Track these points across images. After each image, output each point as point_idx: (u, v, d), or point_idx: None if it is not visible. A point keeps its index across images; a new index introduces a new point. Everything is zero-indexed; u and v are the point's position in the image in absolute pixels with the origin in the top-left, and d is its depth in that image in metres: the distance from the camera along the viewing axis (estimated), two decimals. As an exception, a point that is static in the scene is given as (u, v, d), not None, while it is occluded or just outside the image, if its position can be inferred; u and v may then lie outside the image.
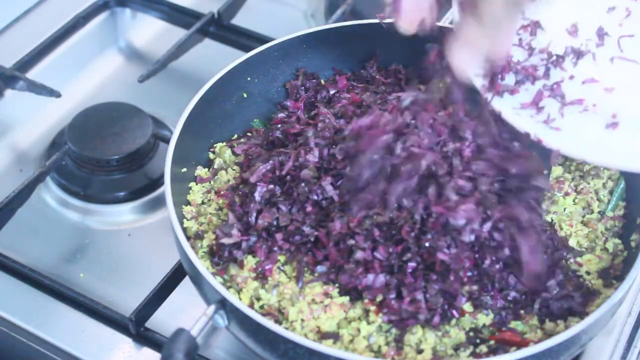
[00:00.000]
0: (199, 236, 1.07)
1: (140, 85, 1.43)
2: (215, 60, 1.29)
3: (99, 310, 1.16)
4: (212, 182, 1.14)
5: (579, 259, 1.07)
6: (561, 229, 1.10)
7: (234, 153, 1.18)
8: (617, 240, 1.10)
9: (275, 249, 1.04)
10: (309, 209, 1.04)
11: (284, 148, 1.11)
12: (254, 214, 1.05)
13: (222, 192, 1.12)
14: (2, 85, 1.43)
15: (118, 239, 1.29)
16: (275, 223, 1.05)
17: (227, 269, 1.03)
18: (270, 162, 1.08)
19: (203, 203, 1.12)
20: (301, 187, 1.05)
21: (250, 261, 1.04)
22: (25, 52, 1.47)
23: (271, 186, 1.07)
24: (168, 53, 1.47)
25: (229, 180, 1.14)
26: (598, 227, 1.11)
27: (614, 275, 1.06)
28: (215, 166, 1.16)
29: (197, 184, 1.14)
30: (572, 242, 1.09)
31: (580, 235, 1.10)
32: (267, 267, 1.03)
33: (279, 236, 1.04)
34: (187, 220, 1.09)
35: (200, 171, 1.15)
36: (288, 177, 1.07)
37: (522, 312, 1.02)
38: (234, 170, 1.15)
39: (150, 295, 1.14)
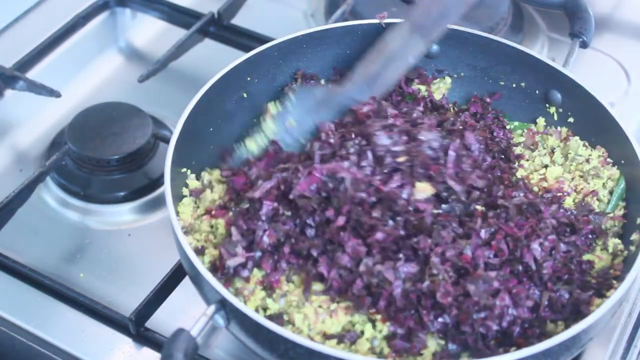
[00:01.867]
0: (199, 251, 1.05)
1: (140, 85, 1.43)
2: (215, 60, 1.29)
3: (99, 310, 1.16)
4: (197, 201, 1.13)
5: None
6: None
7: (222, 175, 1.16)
8: (617, 240, 1.10)
9: (282, 262, 1.03)
10: (313, 224, 1.04)
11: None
12: (261, 233, 1.04)
13: (212, 212, 1.09)
14: (2, 85, 1.43)
15: (118, 239, 1.29)
16: (282, 240, 1.04)
17: (233, 282, 1.03)
18: (274, 179, 1.07)
19: (195, 219, 1.10)
20: (306, 208, 1.04)
21: (256, 274, 1.03)
22: (25, 52, 1.46)
23: (275, 204, 1.05)
24: (168, 53, 1.47)
25: (214, 201, 1.12)
26: (598, 227, 1.11)
27: (614, 275, 1.06)
28: (205, 181, 1.15)
29: (189, 196, 1.13)
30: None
31: (580, 235, 1.10)
32: (274, 279, 1.02)
33: (286, 249, 1.03)
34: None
35: (191, 182, 1.14)
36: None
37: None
38: (220, 187, 1.14)
39: (150, 295, 1.14)
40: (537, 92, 1.24)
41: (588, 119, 1.19)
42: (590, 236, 1.09)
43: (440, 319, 0.98)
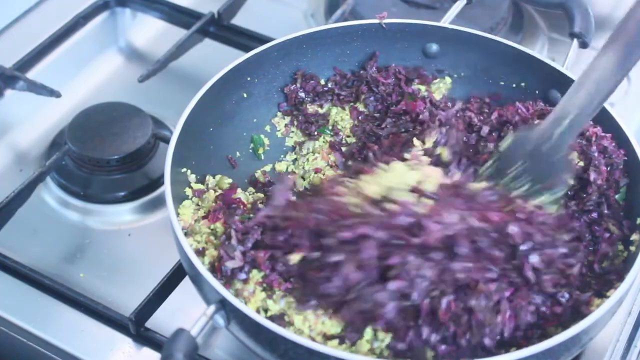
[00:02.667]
0: (200, 252, 1.05)
1: (140, 85, 1.43)
2: (215, 60, 1.29)
3: (99, 310, 1.16)
4: (199, 202, 1.13)
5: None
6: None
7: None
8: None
9: (279, 265, 1.03)
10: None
11: None
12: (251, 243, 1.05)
13: (209, 217, 1.09)
14: (2, 85, 1.43)
15: (118, 239, 1.29)
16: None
17: (232, 283, 1.03)
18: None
19: (196, 221, 1.10)
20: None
21: (255, 275, 1.03)
22: (25, 52, 1.47)
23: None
24: (168, 53, 1.47)
25: (215, 201, 1.12)
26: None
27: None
28: (209, 184, 1.15)
29: (191, 198, 1.13)
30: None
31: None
32: (273, 279, 1.02)
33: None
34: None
35: (194, 185, 1.14)
36: None
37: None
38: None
39: (150, 295, 1.14)
40: (537, 92, 1.24)
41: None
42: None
43: (438, 333, 0.98)
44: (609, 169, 1.10)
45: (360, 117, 1.26)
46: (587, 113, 1.04)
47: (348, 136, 1.25)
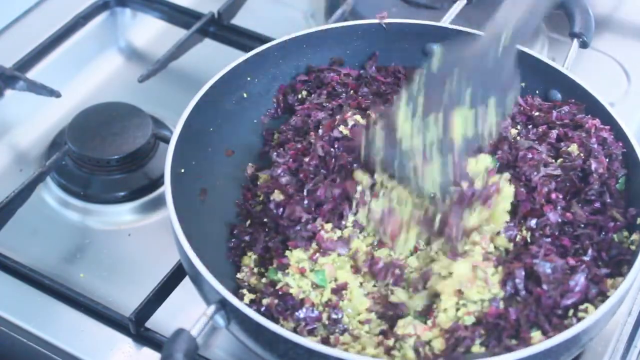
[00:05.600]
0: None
1: (140, 85, 1.43)
2: (215, 60, 1.29)
3: (99, 310, 1.16)
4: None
5: None
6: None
7: None
8: (618, 240, 1.10)
9: None
10: None
11: None
12: None
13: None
14: (2, 85, 1.43)
15: (118, 239, 1.29)
16: None
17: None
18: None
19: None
20: None
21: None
22: (25, 52, 1.47)
23: None
24: (168, 53, 1.47)
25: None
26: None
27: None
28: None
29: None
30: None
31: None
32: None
33: None
34: None
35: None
36: None
37: None
38: None
39: (150, 295, 1.14)
40: (537, 92, 1.24)
41: (588, 119, 1.19)
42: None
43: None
44: (607, 160, 1.11)
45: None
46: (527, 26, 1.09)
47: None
